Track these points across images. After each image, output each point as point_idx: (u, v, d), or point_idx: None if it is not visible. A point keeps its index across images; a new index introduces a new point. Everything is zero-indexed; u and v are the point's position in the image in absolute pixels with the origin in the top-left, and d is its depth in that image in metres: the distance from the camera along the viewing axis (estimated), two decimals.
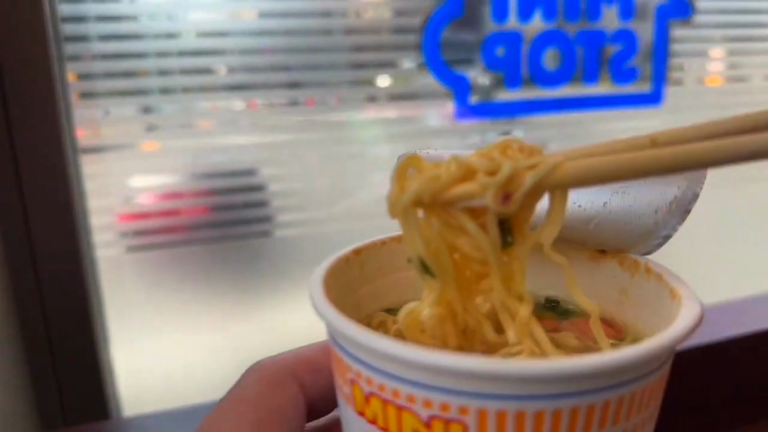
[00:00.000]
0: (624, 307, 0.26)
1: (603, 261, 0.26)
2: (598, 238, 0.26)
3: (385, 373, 0.19)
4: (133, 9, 0.77)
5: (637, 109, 1.04)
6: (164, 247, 0.84)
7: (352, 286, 0.26)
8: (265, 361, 0.26)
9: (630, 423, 0.19)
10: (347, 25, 0.88)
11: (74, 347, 0.77)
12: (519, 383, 0.17)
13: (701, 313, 0.21)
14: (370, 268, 0.28)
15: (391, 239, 0.29)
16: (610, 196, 0.25)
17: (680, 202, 0.24)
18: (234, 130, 0.85)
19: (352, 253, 0.27)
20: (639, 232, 0.25)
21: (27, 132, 0.69)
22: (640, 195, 0.24)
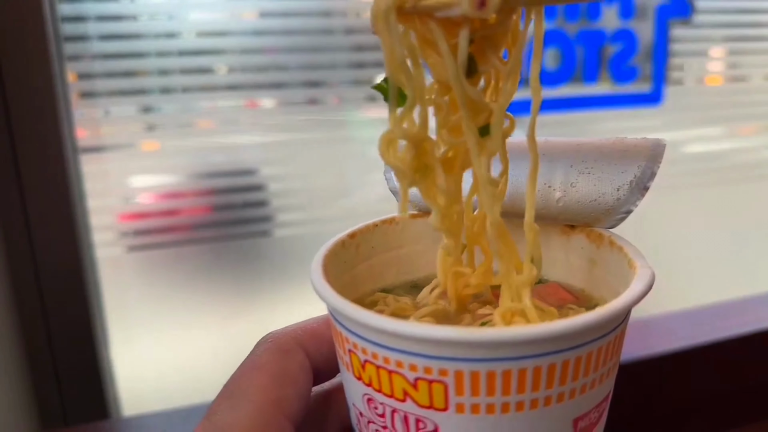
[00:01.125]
0: (593, 275, 0.29)
1: (573, 234, 0.29)
2: (567, 214, 0.28)
3: (376, 344, 0.22)
4: (133, 9, 0.77)
5: (636, 109, 1.04)
6: (164, 246, 0.84)
7: (348, 266, 0.29)
8: (274, 332, 0.29)
9: (589, 378, 0.22)
10: (347, 25, 0.88)
11: (74, 347, 0.77)
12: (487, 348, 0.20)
13: (651, 281, 0.23)
14: (365, 249, 0.30)
15: (382, 222, 0.31)
16: (577, 176, 0.27)
17: (639, 180, 0.26)
18: (234, 129, 0.85)
19: (347, 237, 0.30)
20: (603, 209, 0.27)
21: (27, 132, 0.69)
22: (603, 175, 0.27)
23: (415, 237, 0.32)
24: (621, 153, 0.27)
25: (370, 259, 0.31)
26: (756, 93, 1.15)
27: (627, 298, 0.22)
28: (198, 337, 0.89)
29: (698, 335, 0.76)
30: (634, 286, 0.23)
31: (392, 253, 0.31)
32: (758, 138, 1.18)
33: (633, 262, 0.25)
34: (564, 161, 0.28)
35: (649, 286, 0.23)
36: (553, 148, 0.29)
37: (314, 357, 0.28)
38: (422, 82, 0.23)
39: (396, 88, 0.23)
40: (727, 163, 1.16)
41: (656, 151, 0.27)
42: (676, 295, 0.89)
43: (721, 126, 1.15)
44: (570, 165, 0.28)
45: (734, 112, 1.14)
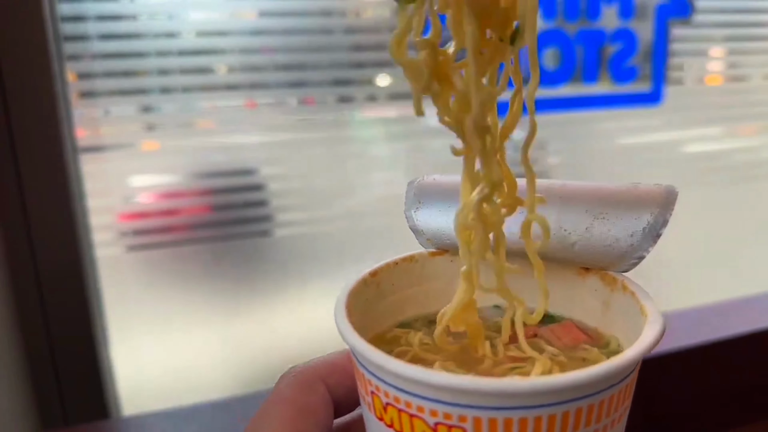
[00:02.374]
0: (606, 317, 0.30)
1: (588, 276, 0.30)
2: (581, 257, 0.29)
3: (398, 389, 0.23)
4: (133, 8, 0.77)
5: (636, 109, 1.04)
6: (164, 246, 0.84)
7: (369, 303, 0.30)
8: (298, 367, 0.31)
9: (601, 424, 0.23)
10: (347, 25, 0.88)
11: (74, 347, 0.77)
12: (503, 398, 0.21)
13: (662, 330, 0.24)
14: (386, 286, 0.31)
15: (402, 260, 0.32)
16: (592, 221, 0.28)
17: (652, 227, 0.27)
18: (234, 129, 0.85)
19: (369, 275, 0.31)
20: (617, 254, 0.28)
21: (27, 132, 0.69)
22: (618, 221, 0.28)
23: (433, 274, 0.33)
24: (635, 199, 0.28)
25: (391, 296, 0.32)
26: (756, 93, 1.15)
27: (639, 348, 0.23)
28: (198, 337, 0.89)
29: (698, 335, 0.76)
30: (646, 334, 0.24)
31: (412, 290, 0.33)
32: (758, 138, 1.18)
33: (645, 308, 0.26)
34: (579, 206, 0.29)
35: (660, 334, 0.24)
36: (570, 192, 0.30)
37: (335, 391, 0.30)
38: None
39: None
40: (727, 162, 1.16)
41: (669, 198, 0.27)
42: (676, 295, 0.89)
43: (720, 126, 1.15)
44: (585, 210, 0.29)
45: (734, 112, 1.14)
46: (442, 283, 0.33)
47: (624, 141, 1.08)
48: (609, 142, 1.07)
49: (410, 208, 0.33)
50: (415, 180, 0.33)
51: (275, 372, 0.33)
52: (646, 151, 1.09)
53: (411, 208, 0.33)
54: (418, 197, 0.33)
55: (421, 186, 0.33)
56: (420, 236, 0.33)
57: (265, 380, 0.91)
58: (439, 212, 0.32)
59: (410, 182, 0.33)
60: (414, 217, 0.33)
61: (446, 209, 0.31)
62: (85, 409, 0.79)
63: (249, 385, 0.90)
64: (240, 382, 0.91)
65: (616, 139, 1.07)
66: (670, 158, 1.11)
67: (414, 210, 0.33)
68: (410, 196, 0.33)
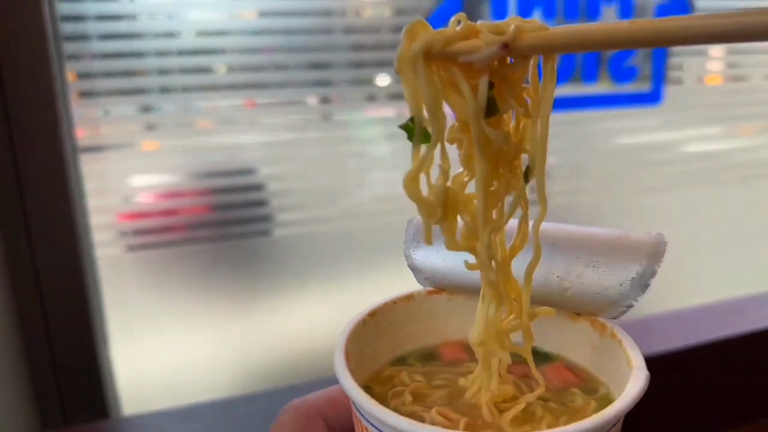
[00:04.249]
0: (595, 360, 0.31)
1: (579, 320, 0.31)
2: (573, 303, 0.30)
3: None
4: (133, 8, 0.77)
5: (636, 109, 1.04)
6: (164, 246, 0.84)
7: (367, 342, 0.31)
8: (296, 402, 0.32)
9: None
10: (347, 25, 0.88)
11: (74, 347, 0.77)
12: None
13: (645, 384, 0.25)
14: (384, 325, 0.33)
15: (400, 299, 0.33)
16: (583, 269, 0.29)
17: (641, 277, 0.28)
18: (233, 129, 0.85)
19: (368, 316, 0.32)
20: (606, 301, 0.29)
21: (27, 131, 0.69)
22: (608, 269, 0.29)
23: (431, 312, 0.34)
24: (625, 249, 0.29)
25: (389, 333, 0.33)
26: (756, 93, 1.15)
27: (622, 404, 0.24)
28: (198, 337, 0.89)
29: (698, 334, 0.76)
30: (630, 389, 0.25)
31: (410, 327, 0.34)
32: (758, 138, 1.18)
33: (631, 360, 0.27)
34: (571, 253, 0.30)
35: (643, 389, 0.25)
36: (563, 238, 0.30)
37: (333, 425, 0.31)
38: (444, 122, 0.24)
39: (420, 127, 0.24)
40: (727, 162, 1.16)
41: (658, 249, 0.28)
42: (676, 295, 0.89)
43: (720, 126, 1.15)
44: (577, 257, 0.30)
45: (734, 112, 1.14)
46: (439, 321, 0.34)
47: (624, 141, 1.08)
48: (609, 142, 1.07)
49: (409, 247, 0.34)
50: (414, 218, 0.34)
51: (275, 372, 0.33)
52: (646, 151, 1.09)
53: (410, 247, 0.34)
54: (417, 236, 0.34)
55: (419, 225, 0.34)
56: (418, 274, 0.34)
57: (265, 380, 0.91)
58: (437, 252, 0.33)
59: (409, 221, 0.34)
60: (413, 255, 0.34)
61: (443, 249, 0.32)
62: (85, 409, 0.79)
63: (249, 385, 0.90)
64: (240, 382, 0.91)
65: (616, 139, 1.07)
66: (670, 158, 1.11)
67: (413, 249, 0.34)
68: (409, 235, 0.34)
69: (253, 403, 0.71)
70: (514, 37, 0.23)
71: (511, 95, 0.25)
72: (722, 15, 0.20)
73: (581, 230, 0.30)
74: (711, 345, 0.75)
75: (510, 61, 0.25)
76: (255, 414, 0.68)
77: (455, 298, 0.34)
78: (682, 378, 0.75)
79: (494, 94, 0.25)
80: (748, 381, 0.79)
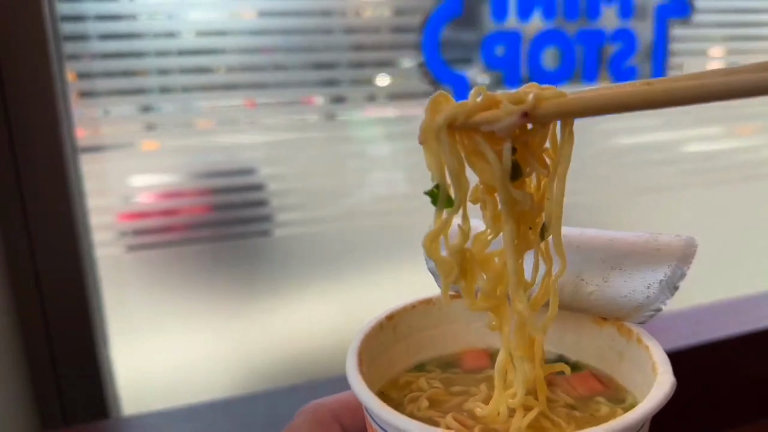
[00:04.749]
0: (621, 367, 0.30)
1: (605, 326, 0.31)
2: (597, 307, 0.29)
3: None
4: (133, 8, 0.77)
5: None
6: (164, 246, 0.84)
7: (385, 347, 0.31)
8: (311, 405, 0.32)
9: None
10: (347, 25, 0.88)
11: (74, 347, 0.77)
12: None
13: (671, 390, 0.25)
14: (402, 329, 0.32)
15: (419, 302, 0.33)
16: (609, 271, 0.28)
17: (670, 279, 0.28)
18: (233, 129, 0.85)
19: (385, 319, 0.32)
20: (633, 305, 0.28)
21: (26, 131, 0.69)
22: (635, 272, 0.28)
23: (450, 317, 0.34)
24: (653, 251, 0.28)
25: (407, 338, 0.33)
26: None
27: (646, 408, 0.24)
28: (198, 337, 0.89)
29: (697, 334, 0.76)
30: (654, 394, 0.25)
31: (429, 332, 0.33)
32: (758, 138, 1.18)
33: (656, 366, 0.27)
34: (597, 256, 0.29)
35: (668, 395, 0.25)
36: (587, 241, 0.30)
37: (348, 429, 0.31)
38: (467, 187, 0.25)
39: (445, 193, 0.25)
40: (727, 162, 1.16)
41: (688, 251, 0.28)
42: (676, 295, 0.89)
43: (720, 126, 1.15)
44: (603, 260, 0.29)
45: (734, 112, 1.14)
46: (460, 325, 0.34)
47: (624, 141, 1.08)
48: (608, 142, 1.07)
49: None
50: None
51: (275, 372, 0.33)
52: (645, 151, 1.09)
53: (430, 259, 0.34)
54: None
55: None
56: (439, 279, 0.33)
57: (265, 380, 0.91)
58: None
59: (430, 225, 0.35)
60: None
61: None
62: (85, 409, 0.79)
63: (249, 385, 0.90)
64: (240, 381, 0.91)
65: (615, 139, 1.07)
66: (669, 158, 1.11)
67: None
68: None
69: (253, 403, 0.71)
70: (533, 105, 0.24)
71: (533, 158, 0.26)
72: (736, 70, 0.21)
73: (606, 234, 0.30)
74: (711, 345, 0.75)
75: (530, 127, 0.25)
76: (255, 414, 0.68)
77: None
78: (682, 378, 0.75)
79: (517, 159, 0.26)
80: (748, 381, 0.79)
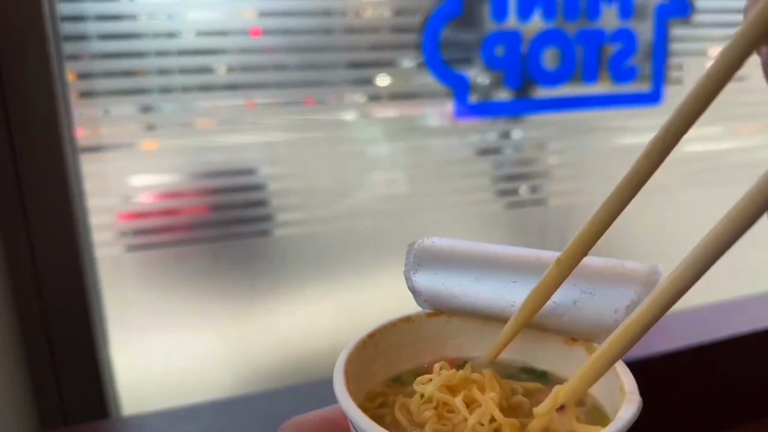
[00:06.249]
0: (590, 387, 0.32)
1: (575, 346, 0.32)
2: (569, 329, 0.31)
3: None
4: (133, 8, 0.77)
5: (636, 109, 1.04)
6: (164, 246, 0.84)
7: (366, 363, 0.32)
8: (294, 420, 0.32)
9: None
10: (347, 25, 0.88)
11: (74, 347, 0.77)
12: None
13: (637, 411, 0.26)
14: (383, 346, 0.33)
15: (399, 320, 0.34)
16: (579, 295, 0.30)
17: (635, 304, 0.29)
18: (234, 129, 0.85)
19: (367, 337, 0.33)
20: (602, 327, 0.30)
21: (27, 132, 0.69)
22: (604, 296, 0.30)
23: (429, 335, 0.35)
24: (620, 277, 0.30)
25: (387, 355, 0.34)
26: (756, 93, 1.15)
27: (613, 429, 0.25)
28: (198, 337, 0.89)
29: (697, 335, 0.76)
30: (622, 415, 0.25)
31: (408, 349, 0.35)
32: (758, 138, 1.18)
33: (624, 386, 0.28)
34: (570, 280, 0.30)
35: (635, 416, 0.26)
36: None
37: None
38: None
39: None
40: (727, 162, 1.16)
41: (651, 278, 0.29)
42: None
43: (720, 126, 1.15)
44: (574, 284, 0.30)
45: (734, 112, 1.14)
46: (437, 343, 0.35)
47: (624, 141, 1.08)
48: (609, 142, 1.07)
49: (410, 269, 0.34)
50: (416, 243, 0.35)
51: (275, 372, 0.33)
52: None
53: (411, 269, 0.34)
54: (417, 260, 0.34)
55: (420, 248, 0.34)
56: (418, 297, 0.35)
57: (265, 380, 0.91)
58: (436, 275, 0.33)
59: (410, 244, 0.35)
60: (413, 278, 0.34)
61: (443, 273, 0.33)
62: (85, 409, 0.79)
63: (249, 385, 0.90)
64: (240, 382, 0.91)
65: (616, 139, 1.07)
66: (670, 158, 1.11)
67: (413, 272, 0.34)
68: (410, 258, 0.35)
69: (253, 404, 0.71)
70: None
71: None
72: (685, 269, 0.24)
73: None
74: (711, 345, 0.75)
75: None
76: (255, 414, 0.68)
77: (453, 320, 0.34)
78: (682, 378, 0.75)
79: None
80: (748, 381, 0.79)
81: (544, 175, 1.05)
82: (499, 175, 1.02)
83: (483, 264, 0.32)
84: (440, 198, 0.97)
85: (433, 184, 0.97)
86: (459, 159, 0.98)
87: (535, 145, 1.03)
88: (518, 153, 1.04)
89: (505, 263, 0.32)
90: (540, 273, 0.30)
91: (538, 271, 0.30)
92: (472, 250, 0.33)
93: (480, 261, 0.32)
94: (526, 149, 1.03)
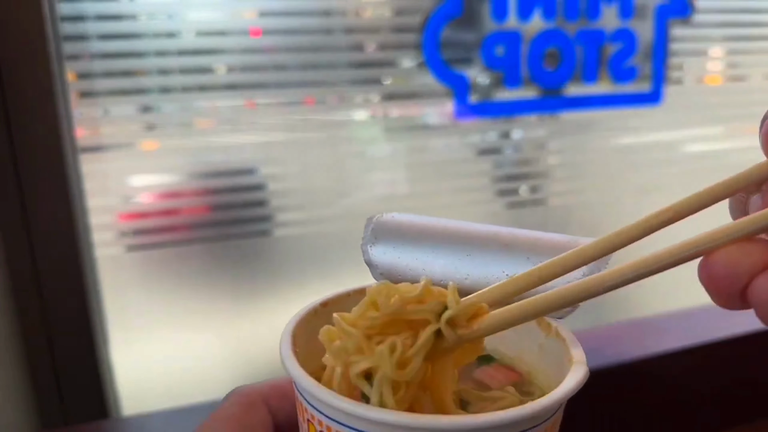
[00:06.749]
0: (540, 358, 0.32)
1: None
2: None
3: (331, 419, 0.25)
4: (133, 8, 0.77)
5: (636, 108, 1.04)
6: (164, 246, 0.84)
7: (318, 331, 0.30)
8: (241, 387, 0.32)
9: None
10: (347, 24, 0.88)
11: (74, 347, 0.77)
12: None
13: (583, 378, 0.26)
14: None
15: (354, 291, 0.33)
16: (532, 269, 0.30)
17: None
18: (233, 129, 0.85)
19: (320, 306, 0.32)
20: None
21: (27, 131, 0.69)
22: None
23: None
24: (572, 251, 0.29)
25: None
26: (756, 93, 1.15)
27: (558, 394, 0.25)
28: (198, 337, 0.89)
29: (697, 335, 0.76)
30: (567, 381, 0.26)
31: None
32: (758, 138, 1.18)
33: (571, 356, 0.28)
34: (523, 255, 0.31)
35: (580, 383, 0.25)
36: (514, 240, 0.32)
37: (277, 413, 0.31)
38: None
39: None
40: (727, 162, 1.16)
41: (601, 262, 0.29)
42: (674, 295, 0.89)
43: (720, 126, 1.15)
44: (527, 258, 0.31)
45: (734, 112, 1.14)
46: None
47: (624, 141, 1.08)
48: (609, 142, 1.07)
49: (367, 243, 0.34)
50: (374, 216, 0.35)
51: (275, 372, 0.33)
52: (646, 151, 1.09)
53: (367, 243, 0.34)
54: (375, 233, 0.34)
55: (379, 222, 0.34)
56: (374, 270, 0.34)
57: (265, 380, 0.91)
58: (393, 249, 0.33)
59: (369, 218, 0.35)
60: (369, 251, 0.34)
61: (400, 246, 0.33)
62: (85, 409, 0.79)
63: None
64: (240, 382, 0.91)
65: (616, 139, 1.07)
66: (670, 158, 1.11)
67: (370, 245, 0.34)
68: (368, 232, 0.35)
69: None
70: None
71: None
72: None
73: (534, 234, 0.32)
74: (711, 345, 0.75)
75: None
76: None
77: None
78: (681, 378, 0.75)
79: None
80: (747, 381, 0.79)
81: (544, 175, 1.05)
82: (499, 175, 1.02)
83: (439, 238, 0.32)
84: (440, 198, 0.97)
85: (433, 184, 0.97)
86: (459, 159, 0.98)
87: (535, 145, 1.04)
88: (518, 153, 1.04)
89: (461, 238, 0.32)
90: (495, 248, 0.30)
91: (494, 246, 0.30)
92: (430, 225, 0.33)
93: (437, 235, 0.32)
94: (526, 149, 1.03)
